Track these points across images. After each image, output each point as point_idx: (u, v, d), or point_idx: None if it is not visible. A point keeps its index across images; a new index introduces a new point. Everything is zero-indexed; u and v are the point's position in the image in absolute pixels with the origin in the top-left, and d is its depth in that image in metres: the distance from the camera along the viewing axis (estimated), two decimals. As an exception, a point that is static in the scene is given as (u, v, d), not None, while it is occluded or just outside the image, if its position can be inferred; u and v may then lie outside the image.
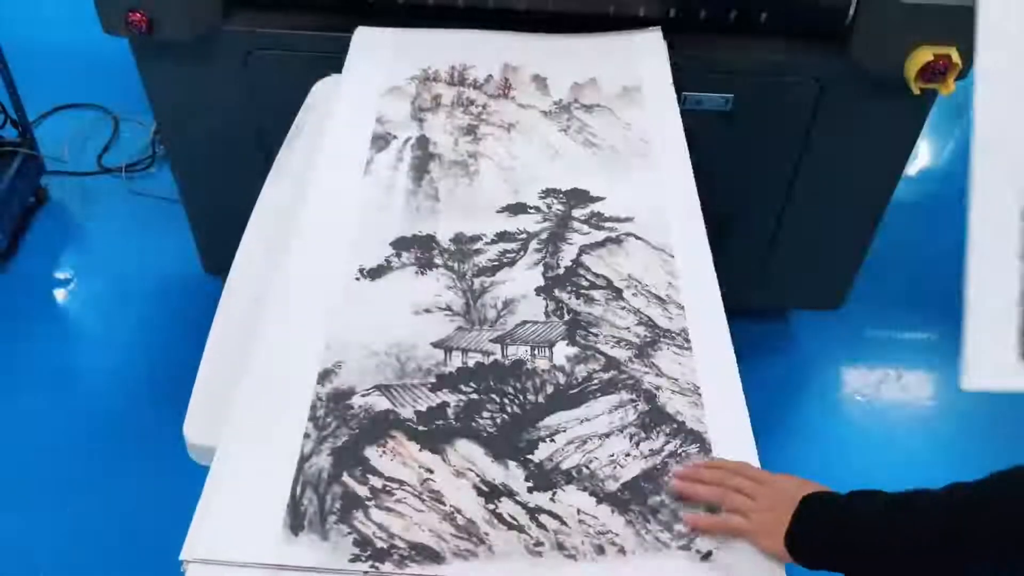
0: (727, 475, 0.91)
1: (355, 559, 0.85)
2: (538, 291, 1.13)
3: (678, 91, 1.48)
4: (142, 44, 1.68)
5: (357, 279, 1.14)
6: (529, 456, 0.94)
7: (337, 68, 1.53)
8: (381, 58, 1.53)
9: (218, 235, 1.99)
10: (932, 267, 2.45)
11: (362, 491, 0.90)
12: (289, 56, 1.66)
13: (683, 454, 0.95)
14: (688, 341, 1.07)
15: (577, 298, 1.12)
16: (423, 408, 0.98)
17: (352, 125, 1.39)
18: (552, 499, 0.91)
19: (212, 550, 0.85)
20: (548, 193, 1.28)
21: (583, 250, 1.19)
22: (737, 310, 1.20)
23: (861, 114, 1.70)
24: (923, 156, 2.87)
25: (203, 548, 0.85)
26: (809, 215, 1.88)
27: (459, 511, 0.89)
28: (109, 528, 1.79)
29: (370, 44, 1.56)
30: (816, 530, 0.84)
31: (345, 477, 0.91)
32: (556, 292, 1.13)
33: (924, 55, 1.51)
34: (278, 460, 0.93)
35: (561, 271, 1.16)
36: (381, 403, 0.99)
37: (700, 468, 0.93)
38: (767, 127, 1.72)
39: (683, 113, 1.43)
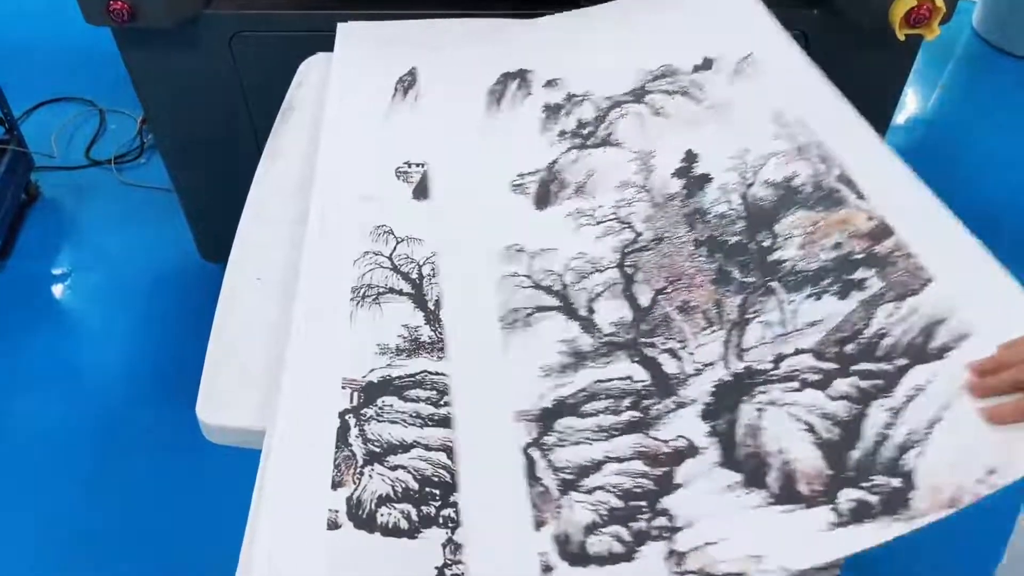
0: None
1: None
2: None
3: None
4: (125, 33, 1.68)
5: None
6: None
7: (323, 46, 1.52)
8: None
9: (213, 221, 2.00)
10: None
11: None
12: (274, 37, 1.65)
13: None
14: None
15: None
16: None
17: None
18: None
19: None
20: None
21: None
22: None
23: (848, 64, 1.69)
24: (911, 104, 2.87)
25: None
26: (801, 168, 1.89)
27: None
28: (118, 522, 1.78)
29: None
30: None
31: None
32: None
33: (908, 1, 1.51)
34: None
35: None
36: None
37: (996, 358, 0.77)
38: (755, 82, 1.72)
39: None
